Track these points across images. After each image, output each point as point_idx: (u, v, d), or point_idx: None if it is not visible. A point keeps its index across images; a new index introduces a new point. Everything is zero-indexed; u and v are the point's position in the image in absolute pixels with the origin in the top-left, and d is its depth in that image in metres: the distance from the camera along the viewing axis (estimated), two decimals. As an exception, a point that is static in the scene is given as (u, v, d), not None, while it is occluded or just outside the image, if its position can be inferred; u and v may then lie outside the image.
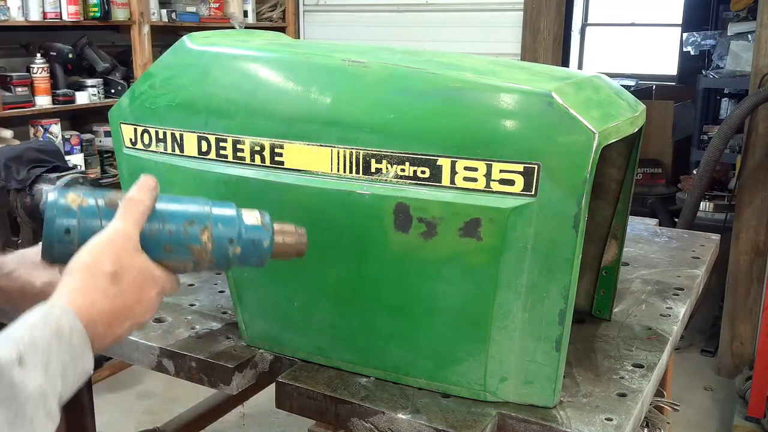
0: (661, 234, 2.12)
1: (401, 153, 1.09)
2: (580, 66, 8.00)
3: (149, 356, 1.36)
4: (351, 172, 1.13)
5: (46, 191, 1.73)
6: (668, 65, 7.75)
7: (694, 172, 3.97)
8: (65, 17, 3.56)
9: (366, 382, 1.22)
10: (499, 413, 1.14)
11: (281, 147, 1.18)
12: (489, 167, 1.04)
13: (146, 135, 1.32)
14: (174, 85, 1.28)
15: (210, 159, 1.25)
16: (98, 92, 3.84)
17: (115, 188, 1.58)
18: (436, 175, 1.08)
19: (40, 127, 3.60)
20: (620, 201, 1.43)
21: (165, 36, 4.00)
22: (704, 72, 4.95)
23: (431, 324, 1.15)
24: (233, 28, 4.19)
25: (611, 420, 1.11)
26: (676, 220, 3.76)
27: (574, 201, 1.02)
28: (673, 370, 2.14)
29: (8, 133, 3.31)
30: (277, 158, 1.18)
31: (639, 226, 2.17)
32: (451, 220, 1.08)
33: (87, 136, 3.92)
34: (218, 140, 1.24)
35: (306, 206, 1.18)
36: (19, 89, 3.48)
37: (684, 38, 5.96)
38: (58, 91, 3.65)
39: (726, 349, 3.66)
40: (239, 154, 1.22)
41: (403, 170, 1.09)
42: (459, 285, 1.11)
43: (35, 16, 3.46)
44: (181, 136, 1.28)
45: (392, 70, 1.14)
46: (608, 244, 1.46)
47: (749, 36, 4.17)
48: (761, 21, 3.35)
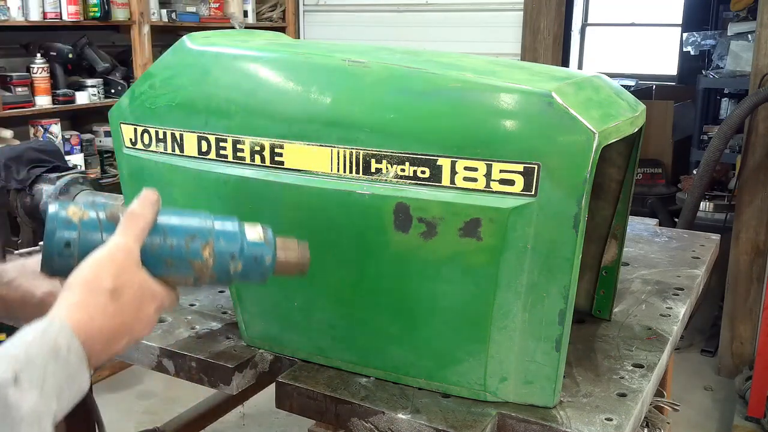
0: (661, 234, 2.12)
1: (401, 153, 1.09)
2: (580, 66, 8.00)
3: (149, 356, 1.36)
4: (351, 172, 1.13)
5: (48, 202, 1.73)
6: (668, 65, 7.75)
7: (694, 172, 3.97)
8: (65, 17, 3.56)
9: (366, 382, 1.22)
10: (499, 413, 1.14)
11: (281, 147, 1.18)
12: (489, 167, 1.04)
13: (146, 135, 1.32)
14: (174, 85, 1.28)
15: (210, 159, 1.25)
16: (98, 92, 3.85)
17: (115, 188, 1.58)
18: (436, 175, 1.07)
19: (40, 127, 3.60)
20: (620, 201, 1.43)
21: (165, 36, 4.00)
22: (704, 72, 4.95)
23: (431, 324, 1.15)
24: (233, 28, 4.19)
25: (611, 420, 1.11)
26: (676, 220, 3.76)
27: (574, 201, 1.02)
28: (673, 370, 2.14)
29: (8, 133, 3.31)
30: (277, 158, 1.18)
31: (639, 226, 2.17)
32: (451, 220, 1.08)
33: (87, 136, 3.93)
34: (218, 140, 1.24)
35: (306, 206, 1.18)
36: (19, 89, 3.48)
37: (684, 38, 5.96)
38: (58, 91, 3.65)
39: (726, 349, 3.66)
40: (239, 154, 1.22)
41: (403, 170, 1.09)
42: (459, 285, 1.11)
43: (35, 16, 3.46)
44: (181, 136, 1.28)
45: (392, 70, 1.14)
46: (608, 244, 1.46)
47: (749, 36, 4.17)
48: (761, 21, 3.35)
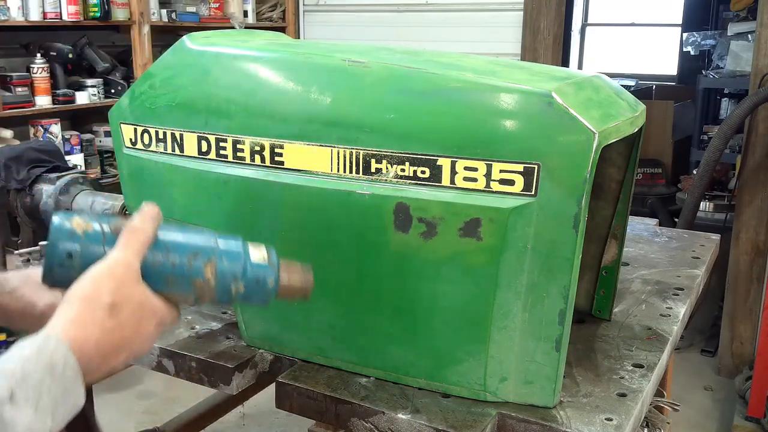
0: (661, 234, 2.12)
1: (401, 153, 1.09)
2: (580, 66, 8.00)
3: (149, 356, 1.36)
4: (351, 172, 1.13)
5: (52, 212, 1.72)
6: (668, 65, 7.75)
7: (694, 172, 3.97)
8: (65, 17, 3.57)
9: (366, 382, 1.22)
10: (499, 413, 1.14)
11: (281, 147, 1.18)
12: (489, 167, 1.04)
13: (146, 135, 1.32)
14: (174, 85, 1.28)
15: (210, 159, 1.25)
16: (98, 92, 3.85)
17: (115, 188, 1.58)
18: (436, 175, 1.07)
19: (40, 127, 3.60)
20: (620, 201, 1.43)
21: (165, 36, 4.00)
22: (704, 72, 4.95)
23: (431, 324, 1.15)
24: (233, 28, 4.19)
25: (611, 420, 1.11)
26: (676, 220, 3.76)
27: (574, 201, 1.02)
28: (673, 370, 2.14)
29: (8, 133, 3.32)
30: (277, 158, 1.18)
31: (639, 226, 2.16)
32: (451, 220, 1.08)
33: (87, 136, 3.93)
34: (218, 140, 1.24)
35: (306, 206, 1.18)
36: (19, 89, 3.48)
37: (684, 38, 5.95)
38: (58, 91, 3.65)
39: (726, 349, 3.66)
40: (239, 154, 1.22)
41: (403, 170, 1.09)
42: (459, 285, 1.11)
43: (35, 16, 3.46)
44: (181, 136, 1.28)
45: (392, 70, 1.14)
46: (608, 244, 1.46)
47: (749, 36, 4.17)
48: (761, 21, 3.35)
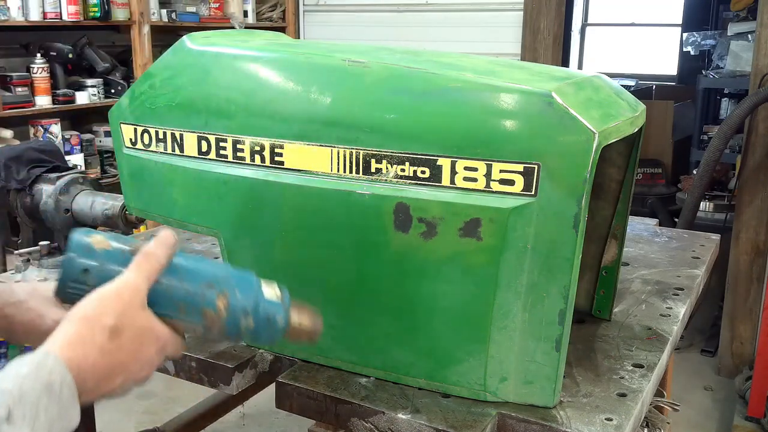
0: (661, 234, 2.12)
1: (401, 153, 1.09)
2: (580, 66, 8.01)
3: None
4: (351, 172, 1.13)
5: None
6: (668, 65, 7.75)
7: (694, 172, 3.97)
8: (65, 17, 3.57)
9: (366, 382, 1.22)
10: (499, 413, 1.14)
11: (281, 147, 1.18)
12: (489, 167, 1.04)
13: (146, 135, 1.32)
14: (174, 85, 1.28)
15: (210, 159, 1.25)
16: (98, 92, 3.85)
17: (115, 188, 1.58)
18: (436, 175, 1.07)
19: (40, 127, 3.60)
20: (620, 201, 1.43)
21: (165, 36, 4.00)
22: (704, 72, 4.94)
23: (431, 324, 1.15)
24: (233, 28, 4.19)
25: (611, 420, 1.11)
26: (676, 220, 3.76)
27: (574, 201, 1.02)
28: (673, 370, 2.14)
29: (8, 133, 3.32)
30: (277, 158, 1.18)
31: (639, 226, 2.16)
32: (451, 220, 1.08)
33: (87, 136, 3.93)
34: (218, 140, 1.24)
35: (306, 206, 1.18)
36: (19, 89, 3.48)
37: (684, 38, 5.96)
38: (58, 91, 3.65)
39: (726, 349, 3.65)
40: (239, 154, 1.22)
41: (403, 170, 1.09)
42: (459, 285, 1.11)
43: (35, 16, 3.46)
44: (181, 136, 1.28)
45: (392, 70, 1.14)
46: (608, 244, 1.46)
47: (749, 36, 4.17)
48: (761, 21, 3.35)
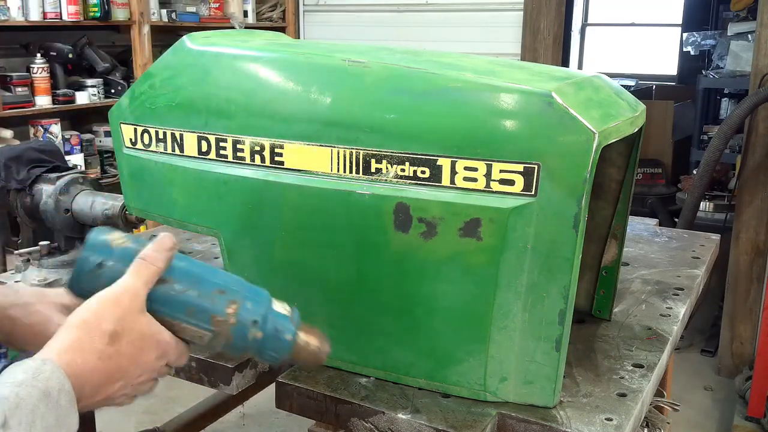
0: (661, 234, 2.12)
1: (401, 153, 1.09)
2: (580, 66, 8.01)
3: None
4: (351, 172, 1.13)
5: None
6: (668, 65, 7.75)
7: (694, 172, 3.97)
8: (65, 17, 3.57)
9: (366, 382, 1.22)
10: (499, 413, 1.14)
11: (281, 147, 1.18)
12: (489, 167, 1.04)
13: (146, 135, 1.32)
14: (174, 85, 1.28)
15: (210, 159, 1.25)
16: (98, 92, 3.85)
17: (115, 188, 1.58)
18: (436, 175, 1.07)
19: (40, 127, 3.61)
20: (620, 201, 1.43)
21: (165, 36, 4.00)
22: (704, 72, 4.95)
23: (431, 324, 1.15)
24: (233, 28, 4.19)
25: (611, 420, 1.11)
26: (676, 220, 3.76)
27: (574, 201, 1.02)
28: (673, 370, 2.14)
29: (8, 133, 3.32)
30: (277, 158, 1.18)
31: (639, 226, 2.16)
32: (451, 220, 1.08)
33: (87, 136, 3.93)
34: (218, 140, 1.24)
35: (306, 206, 1.18)
36: (19, 89, 3.48)
37: (684, 38, 5.96)
38: (58, 91, 3.65)
39: (726, 349, 3.65)
40: (239, 154, 1.22)
41: (403, 170, 1.09)
42: (459, 285, 1.11)
43: (35, 16, 3.46)
44: (181, 136, 1.28)
45: (392, 70, 1.14)
46: (608, 244, 1.46)
47: (749, 36, 4.17)
48: (761, 21, 3.35)
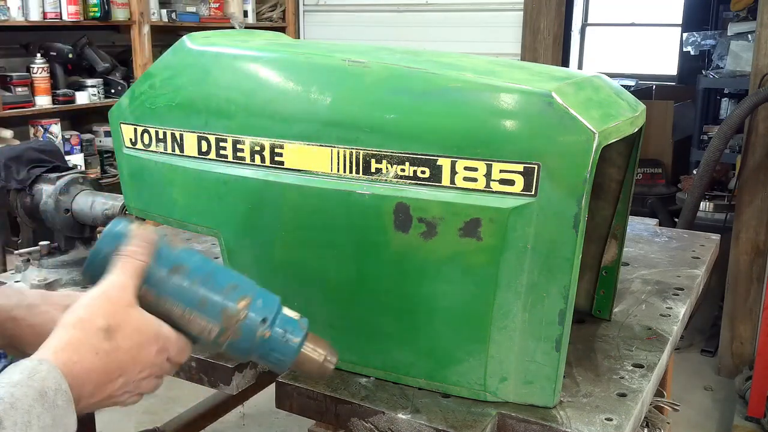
0: (661, 234, 2.11)
1: (401, 153, 1.09)
2: (580, 66, 8.01)
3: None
4: (351, 172, 1.13)
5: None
6: (668, 65, 7.76)
7: (694, 172, 3.97)
8: (65, 17, 3.57)
9: (366, 382, 1.22)
10: (499, 413, 1.14)
11: (281, 147, 1.18)
12: (489, 167, 1.04)
13: (146, 135, 1.32)
14: (174, 85, 1.28)
15: (210, 159, 1.25)
16: (98, 92, 3.85)
17: (115, 188, 1.58)
18: (436, 175, 1.07)
19: (40, 127, 3.61)
20: (620, 201, 1.43)
21: (165, 36, 4.00)
22: (704, 72, 4.95)
23: (431, 324, 1.15)
24: (233, 28, 4.19)
25: (611, 420, 1.11)
26: (676, 220, 3.76)
27: (574, 201, 1.02)
28: (673, 370, 2.14)
29: (8, 133, 3.32)
30: (277, 158, 1.18)
31: (639, 226, 2.16)
32: (451, 220, 1.08)
33: (87, 136, 3.93)
34: (218, 140, 1.24)
35: (306, 206, 1.18)
36: (19, 89, 3.48)
37: (684, 38, 5.96)
38: (58, 91, 3.65)
39: (726, 349, 3.66)
40: (239, 154, 1.22)
41: (403, 170, 1.09)
42: (459, 285, 1.11)
43: (35, 16, 3.46)
44: (181, 136, 1.28)
45: (392, 70, 1.14)
46: (608, 244, 1.46)
47: (749, 36, 4.17)
48: (761, 21, 3.35)
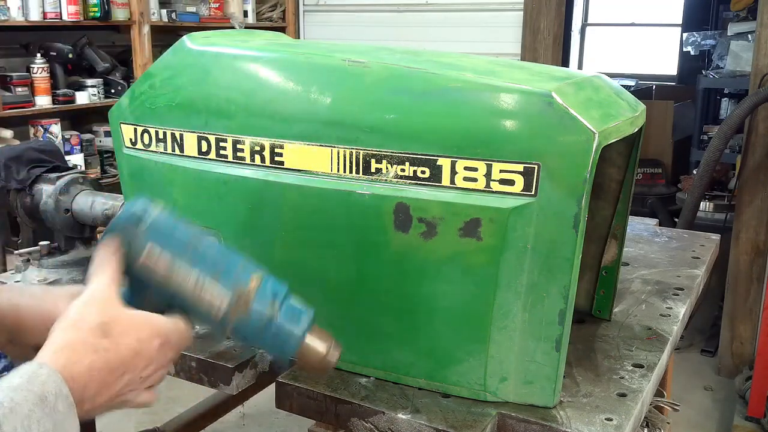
0: (661, 234, 2.11)
1: (401, 153, 1.09)
2: (580, 66, 8.01)
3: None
4: (351, 172, 1.13)
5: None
6: (668, 65, 7.76)
7: (694, 172, 3.97)
8: (65, 17, 3.57)
9: (366, 382, 1.22)
10: (499, 413, 1.14)
11: (281, 147, 1.18)
12: (489, 167, 1.04)
13: (146, 135, 1.32)
14: (174, 85, 1.28)
15: (210, 159, 1.25)
16: (98, 92, 3.85)
17: (115, 188, 1.58)
18: (436, 175, 1.07)
19: (40, 127, 3.61)
20: (620, 201, 1.43)
21: (165, 36, 4.00)
22: (704, 72, 4.95)
23: (431, 324, 1.15)
24: (233, 28, 4.19)
25: (611, 420, 1.11)
26: (676, 220, 3.76)
27: (574, 201, 1.02)
28: (673, 370, 2.14)
29: (8, 133, 3.32)
30: (277, 158, 1.18)
31: (639, 226, 2.16)
32: (451, 220, 1.08)
33: (87, 136, 3.93)
34: (218, 140, 1.24)
35: (306, 206, 1.18)
36: (19, 89, 3.48)
37: (684, 38, 5.96)
38: (58, 91, 3.66)
39: (726, 349, 3.66)
40: (239, 154, 1.22)
41: (403, 170, 1.09)
42: (459, 285, 1.11)
43: (35, 16, 3.46)
44: (181, 136, 1.28)
45: (392, 70, 1.14)
46: (608, 244, 1.46)
47: (749, 36, 4.17)
48: (761, 21, 3.35)
